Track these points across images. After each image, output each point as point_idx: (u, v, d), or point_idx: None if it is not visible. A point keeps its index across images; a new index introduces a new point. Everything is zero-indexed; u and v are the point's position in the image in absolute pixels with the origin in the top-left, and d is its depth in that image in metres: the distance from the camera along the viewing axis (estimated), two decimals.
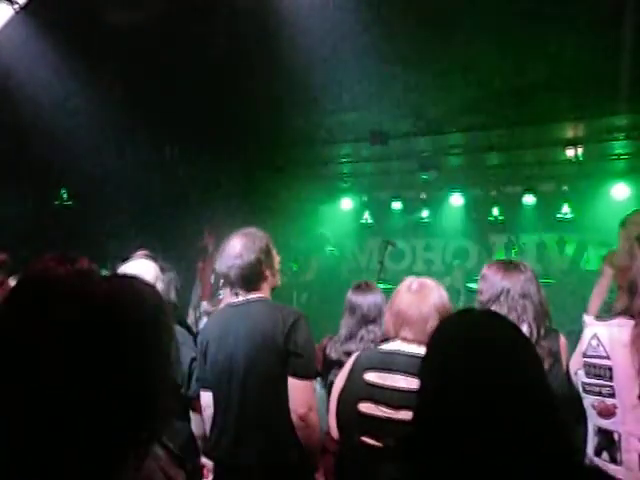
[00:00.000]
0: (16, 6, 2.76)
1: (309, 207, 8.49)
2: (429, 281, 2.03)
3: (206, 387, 2.16)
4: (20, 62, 3.75)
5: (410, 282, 2.03)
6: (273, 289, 2.26)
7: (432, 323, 1.89)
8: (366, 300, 2.63)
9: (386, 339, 2.01)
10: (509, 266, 2.31)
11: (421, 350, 1.87)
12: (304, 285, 8.48)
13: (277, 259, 2.27)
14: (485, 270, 2.39)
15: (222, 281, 2.31)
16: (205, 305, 5.81)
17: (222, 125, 5.36)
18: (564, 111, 4.61)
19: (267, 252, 2.21)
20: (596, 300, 2.84)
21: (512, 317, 2.18)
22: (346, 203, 8.34)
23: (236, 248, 2.17)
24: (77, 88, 4.15)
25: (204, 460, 2.18)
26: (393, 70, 4.03)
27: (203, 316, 5.72)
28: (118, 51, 3.90)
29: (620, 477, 1.66)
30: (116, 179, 5.74)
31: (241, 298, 2.18)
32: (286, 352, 2.02)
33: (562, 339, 2.11)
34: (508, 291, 2.20)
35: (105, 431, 0.89)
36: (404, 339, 1.93)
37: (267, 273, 2.20)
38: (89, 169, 5.46)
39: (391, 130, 5.31)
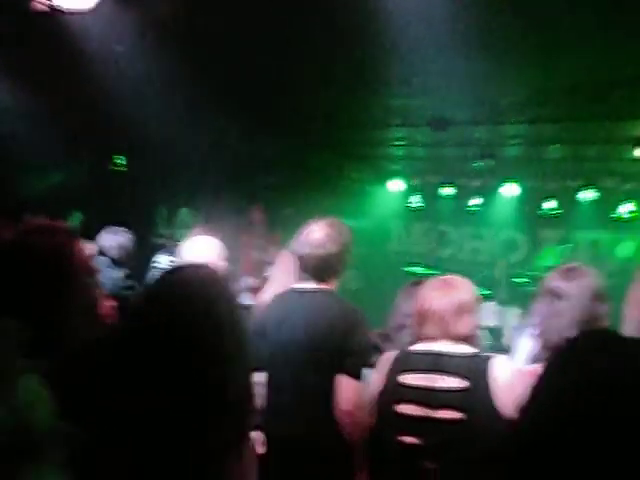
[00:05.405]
0: None
1: (358, 187, 8.45)
2: (454, 278, 2.00)
3: (260, 367, 2.18)
4: (94, 33, 3.80)
5: (435, 280, 2.02)
6: None
7: (454, 320, 1.89)
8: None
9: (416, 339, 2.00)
10: (567, 269, 2.25)
11: (449, 347, 1.88)
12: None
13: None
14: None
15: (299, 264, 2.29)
16: (247, 280, 5.93)
17: (282, 104, 5.37)
18: (636, 110, 4.41)
19: (347, 248, 2.21)
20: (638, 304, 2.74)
21: (540, 318, 2.13)
22: (395, 185, 8.26)
23: (319, 237, 2.16)
24: (144, 59, 4.20)
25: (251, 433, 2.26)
26: (465, 57, 3.92)
27: (245, 290, 5.84)
28: (187, 25, 3.93)
29: None
30: (172, 149, 5.85)
31: (308, 286, 2.20)
32: (343, 349, 2.04)
33: None
34: (549, 291, 2.15)
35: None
36: (428, 337, 1.93)
37: (340, 268, 2.21)
38: (147, 137, 5.56)
39: (452, 117, 5.21)
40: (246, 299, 5.65)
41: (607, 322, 2.16)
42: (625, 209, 6.55)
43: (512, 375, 1.84)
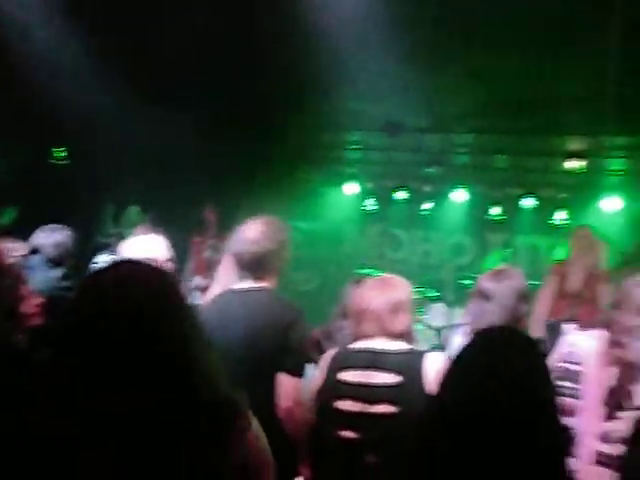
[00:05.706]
0: None
1: (313, 190, 8.52)
2: (392, 277, 2.12)
3: None
4: (31, 17, 3.68)
5: (372, 279, 2.13)
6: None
7: (390, 318, 1.98)
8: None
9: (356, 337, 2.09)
10: (495, 272, 2.40)
11: (385, 345, 1.98)
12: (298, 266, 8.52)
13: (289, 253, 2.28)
14: None
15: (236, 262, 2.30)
16: (198, 280, 5.88)
17: (235, 103, 5.38)
18: (571, 125, 4.73)
19: (284, 245, 2.23)
20: (545, 305, 3.20)
21: (471, 318, 2.27)
22: (349, 189, 8.38)
23: (254, 233, 2.17)
24: (90, 51, 4.09)
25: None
26: (412, 67, 4.08)
27: (195, 291, 5.79)
28: (139, 15, 3.88)
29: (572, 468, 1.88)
30: (122, 144, 5.71)
31: (245, 285, 2.21)
32: (281, 347, 2.07)
33: None
34: (480, 292, 2.27)
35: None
36: (365, 335, 2.02)
37: (277, 266, 2.22)
38: (95, 130, 5.42)
39: (404, 123, 5.39)
40: (196, 299, 5.61)
41: (528, 320, 2.34)
42: (560, 216, 7.08)
43: (443, 369, 1.97)
